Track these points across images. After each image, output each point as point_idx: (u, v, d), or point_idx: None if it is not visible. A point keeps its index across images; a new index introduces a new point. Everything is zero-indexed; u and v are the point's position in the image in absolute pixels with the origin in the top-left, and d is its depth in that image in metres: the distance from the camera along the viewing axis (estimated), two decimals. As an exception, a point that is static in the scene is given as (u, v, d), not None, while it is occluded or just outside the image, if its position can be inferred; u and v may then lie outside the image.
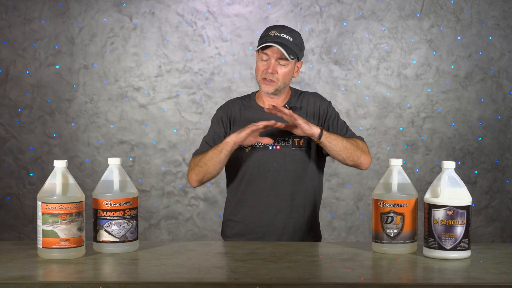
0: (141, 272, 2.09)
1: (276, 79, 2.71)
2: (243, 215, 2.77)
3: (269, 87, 2.73)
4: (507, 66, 4.73)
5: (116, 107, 4.69)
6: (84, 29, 4.66)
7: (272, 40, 2.68)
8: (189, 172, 2.76)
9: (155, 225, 4.73)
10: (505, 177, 4.76)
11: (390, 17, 4.70)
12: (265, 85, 2.73)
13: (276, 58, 2.70)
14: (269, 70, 2.70)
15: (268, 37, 2.70)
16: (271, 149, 2.73)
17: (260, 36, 2.76)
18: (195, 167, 2.73)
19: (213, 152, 2.67)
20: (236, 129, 2.70)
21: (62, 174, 2.22)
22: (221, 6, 4.68)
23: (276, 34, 2.70)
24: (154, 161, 4.71)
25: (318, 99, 2.85)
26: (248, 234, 2.75)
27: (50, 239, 2.19)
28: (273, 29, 2.73)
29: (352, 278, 1.97)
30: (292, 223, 2.76)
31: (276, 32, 2.71)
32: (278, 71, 2.71)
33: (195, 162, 2.73)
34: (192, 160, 2.76)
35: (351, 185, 4.74)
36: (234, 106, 2.83)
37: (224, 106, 2.87)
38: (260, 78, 2.74)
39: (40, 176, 4.66)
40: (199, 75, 4.69)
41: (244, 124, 2.71)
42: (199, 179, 2.74)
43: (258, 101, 2.82)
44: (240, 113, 2.80)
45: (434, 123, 4.74)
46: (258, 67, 2.74)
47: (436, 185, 2.25)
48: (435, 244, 2.20)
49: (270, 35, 2.70)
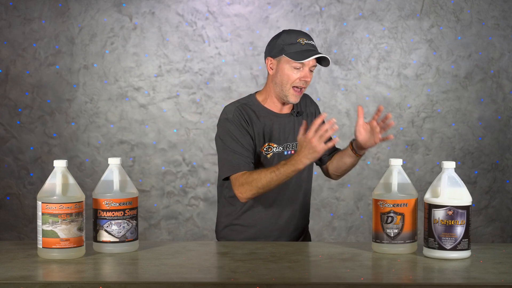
0: (141, 272, 2.09)
1: (306, 85, 2.69)
2: (255, 219, 2.73)
3: (298, 98, 2.68)
4: (507, 66, 4.73)
5: (116, 107, 4.69)
6: (84, 29, 4.66)
7: (309, 48, 2.63)
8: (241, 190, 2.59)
9: (155, 225, 4.73)
10: (505, 177, 4.76)
11: (390, 17, 4.70)
12: (295, 96, 2.67)
13: (311, 66, 2.65)
14: (308, 79, 2.65)
15: (300, 45, 2.63)
16: (286, 154, 2.72)
17: (285, 43, 2.65)
18: (250, 187, 2.57)
19: (278, 176, 2.53)
20: (258, 137, 2.67)
21: (62, 174, 2.22)
22: (221, 6, 4.68)
23: (307, 42, 2.65)
24: (154, 161, 4.71)
25: (309, 101, 2.86)
26: (260, 239, 2.71)
27: (50, 239, 2.19)
28: (298, 35, 2.66)
29: (352, 278, 1.98)
30: (301, 225, 2.79)
31: (305, 39, 2.65)
32: (310, 79, 2.68)
33: (248, 181, 2.57)
34: (240, 177, 2.60)
35: (351, 185, 4.74)
36: (247, 112, 2.70)
37: (236, 113, 2.69)
38: (291, 87, 2.66)
39: (40, 176, 4.66)
40: (199, 75, 4.69)
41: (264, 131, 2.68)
42: (254, 197, 2.63)
43: (267, 106, 2.74)
44: (258, 120, 2.70)
45: (434, 123, 4.74)
46: (290, 76, 2.64)
47: (436, 185, 2.25)
48: (435, 244, 2.20)
49: (301, 43, 2.64)
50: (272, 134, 2.70)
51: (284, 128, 2.73)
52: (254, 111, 2.71)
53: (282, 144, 2.71)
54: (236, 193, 2.61)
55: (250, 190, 2.57)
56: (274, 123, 2.71)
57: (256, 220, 2.73)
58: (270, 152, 2.70)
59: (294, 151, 2.72)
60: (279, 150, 2.71)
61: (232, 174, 2.62)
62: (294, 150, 2.73)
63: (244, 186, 2.58)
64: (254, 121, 2.69)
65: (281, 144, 2.71)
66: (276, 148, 2.70)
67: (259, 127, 2.69)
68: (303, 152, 2.47)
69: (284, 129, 2.73)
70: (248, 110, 2.71)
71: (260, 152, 2.69)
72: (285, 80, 2.66)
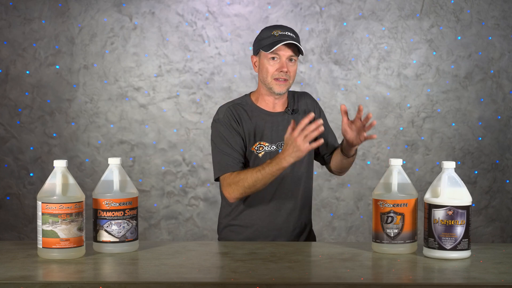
0: (141, 272, 2.09)
1: (288, 77, 2.68)
2: (253, 219, 2.73)
3: (283, 87, 2.69)
4: (507, 66, 4.73)
5: (116, 107, 4.69)
6: (84, 29, 4.66)
7: (281, 39, 2.65)
8: (229, 190, 2.62)
9: (155, 225, 4.73)
10: (505, 177, 4.76)
11: (390, 17, 4.70)
12: (278, 86, 2.68)
13: (288, 56, 2.66)
14: (284, 69, 2.66)
15: (274, 37, 2.66)
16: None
17: (261, 38, 2.70)
18: (237, 187, 2.60)
19: (264, 175, 2.54)
20: (249, 137, 2.68)
21: (62, 174, 2.22)
22: (221, 6, 4.68)
23: (281, 33, 2.67)
24: (154, 161, 4.71)
25: (309, 99, 2.85)
26: (259, 238, 2.71)
27: (50, 239, 2.19)
28: (274, 28, 2.70)
29: (352, 278, 1.97)
30: (300, 224, 2.78)
31: (280, 31, 2.67)
32: (289, 69, 2.68)
33: (235, 181, 2.60)
34: (227, 178, 2.63)
35: (351, 185, 4.74)
36: (238, 112, 2.73)
37: (227, 114, 2.73)
38: (272, 79, 2.68)
39: (40, 176, 4.66)
40: (199, 75, 4.70)
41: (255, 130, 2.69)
42: (242, 197, 2.65)
43: (259, 105, 2.76)
44: (250, 119, 2.72)
45: (434, 123, 4.74)
46: (267, 68, 2.67)
47: (436, 185, 2.25)
48: (435, 244, 2.20)
49: (275, 34, 2.67)
50: (263, 133, 2.71)
51: (277, 127, 2.73)
52: (246, 110, 2.74)
53: (275, 142, 2.71)
54: (225, 193, 2.65)
55: (237, 190, 2.60)
56: (266, 122, 2.72)
57: (254, 220, 2.73)
58: (261, 151, 2.71)
59: None
60: (272, 149, 2.71)
61: (221, 175, 2.66)
62: None
63: (232, 186, 2.61)
64: (245, 121, 2.71)
65: (273, 143, 2.71)
66: (268, 147, 2.70)
67: (250, 126, 2.71)
68: (288, 150, 2.49)
69: (277, 127, 2.73)
70: (240, 110, 2.73)
71: (251, 152, 2.70)
72: (265, 74, 2.69)
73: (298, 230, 2.78)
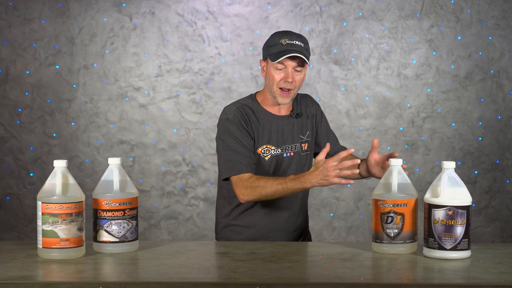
0: (141, 272, 2.09)
1: (293, 87, 2.66)
2: (254, 220, 2.73)
3: (287, 99, 2.67)
4: (507, 66, 4.73)
5: (116, 107, 4.69)
6: (84, 29, 4.66)
7: (288, 48, 2.63)
8: (243, 192, 2.59)
9: (155, 225, 4.73)
10: (505, 177, 4.76)
11: (390, 17, 4.70)
12: (282, 97, 2.67)
13: (293, 66, 2.65)
14: (289, 79, 2.64)
15: (281, 46, 2.64)
16: (286, 156, 2.72)
17: (270, 45, 2.69)
18: (253, 192, 2.57)
19: (285, 189, 2.53)
20: (257, 139, 2.68)
21: (62, 174, 2.22)
22: (221, 6, 4.68)
23: (288, 42, 2.65)
24: (154, 161, 4.71)
25: (310, 101, 2.86)
26: (259, 239, 2.71)
27: (50, 239, 2.19)
28: (283, 36, 2.67)
29: (352, 278, 1.98)
30: (299, 225, 2.79)
31: (288, 39, 2.65)
32: (295, 79, 2.66)
33: (253, 186, 2.57)
34: (244, 180, 2.59)
35: (351, 185, 4.74)
36: (246, 113, 2.71)
37: (236, 114, 2.70)
38: (277, 88, 2.67)
39: (40, 176, 4.66)
40: (199, 75, 4.70)
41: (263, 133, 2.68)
42: (254, 201, 2.66)
43: (265, 107, 2.74)
44: (257, 121, 2.71)
45: (434, 123, 4.74)
46: (274, 77, 2.66)
47: (436, 185, 2.25)
48: (435, 244, 2.20)
49: (282, 43, 2.65)
50: (270, 136, 2.71)
51: (282, 130, 2.73)
52: (253, 112, 2.72)
53: (280, 146, 2.71)
54: (238, 193, 2.61)
55: (253, 195, 2.58)
56: (272, 125, 2.72)
57: (255, 220, 2.73)
58: (268, 155, 2.70)
59: (294, 153, 2.73)
60: (277, 152, 2.71)
61: (234, 175, 2.62)
62: (293, 152, 2.73)
63: (248, 190, 2.58)
64: (253, 122, 2.70)
65: (279, 146, 2.71)
66: (274, 150, 2.70)
67: (258, 128, 2.70)
68: (316, 175, 2.47)
69: (282, 131, 2.73)
70: (248, 111, 2.71)
71: (258, 154, 2.69)
72: (271, 82, 2.68)
73: (298, 231, 2.79)
